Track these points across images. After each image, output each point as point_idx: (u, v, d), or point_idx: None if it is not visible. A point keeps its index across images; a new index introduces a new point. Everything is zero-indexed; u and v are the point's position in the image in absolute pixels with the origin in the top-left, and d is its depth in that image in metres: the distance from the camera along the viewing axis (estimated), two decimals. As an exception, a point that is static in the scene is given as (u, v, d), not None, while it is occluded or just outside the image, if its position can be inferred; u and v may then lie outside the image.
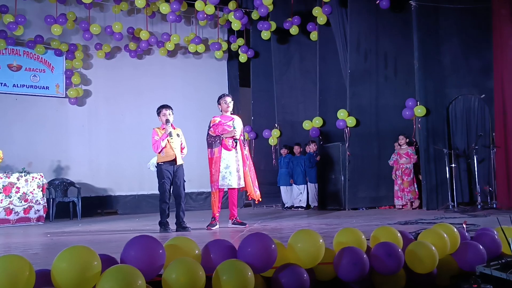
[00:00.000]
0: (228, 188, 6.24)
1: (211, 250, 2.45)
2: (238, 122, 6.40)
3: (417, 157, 8.47)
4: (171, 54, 11.43)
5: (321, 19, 9.85)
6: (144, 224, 7.40)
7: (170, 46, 11.00)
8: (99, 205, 10.38)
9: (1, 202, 7.99)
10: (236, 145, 6.26)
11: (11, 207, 8.09)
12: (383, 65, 9.21)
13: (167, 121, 6.05)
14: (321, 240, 2.55)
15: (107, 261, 2.26)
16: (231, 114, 6.55)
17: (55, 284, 2.11)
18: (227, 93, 6.84)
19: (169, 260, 2.32)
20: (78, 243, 4.64)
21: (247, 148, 6.47)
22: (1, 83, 9.82)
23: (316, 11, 9.91)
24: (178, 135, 6.14)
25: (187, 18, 11.50)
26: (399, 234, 2.95)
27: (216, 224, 6.15)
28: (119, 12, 10.73)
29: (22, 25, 9.54)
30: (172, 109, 6.24)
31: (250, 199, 6.64)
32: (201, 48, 11.28)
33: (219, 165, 6.15)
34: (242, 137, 6.38)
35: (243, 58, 11.35)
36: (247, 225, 6.16)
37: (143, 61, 11.28)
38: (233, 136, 6.22)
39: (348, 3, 9.24)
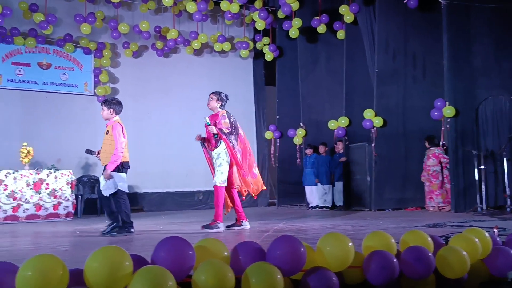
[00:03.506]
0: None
1: (239, 252, 2.45)
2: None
3: (447, 158, 8.31)
4: (197, 52, 11.50)
5: (348, 18, 9.76)
6: (169, 222, 7.46)
7: (196, 45, 11.07)
8: (125, 201, 10.50)
9: (31, 198, 8.17)
10: (218, 142, 5.81)
11: (40, 203, 8.26)
12: (411, 65, 9.09)
13: None
14: (350, 244, 2.52)
15: (138, 262, 2.28)
16: (220, 110, 6.10)
17: (87, 284, 2.14)
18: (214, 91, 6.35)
19: (199, 262, 2.33)
20: (107, 242, 4.72)
21: (234, 143, 5.84)
22: (31, 81, 10.03)
23: (343, 9, 9.83)
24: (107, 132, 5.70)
25: (213, 17, 11.55)
26: (429, 238, 2.90)
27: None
28: (146, 11, 10.84)
29: (53, 24, 9.72)
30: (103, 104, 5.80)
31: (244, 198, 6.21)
32: (226, 46, 11.32)
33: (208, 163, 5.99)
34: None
35: (269, 56, 11.34)
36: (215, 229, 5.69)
37: (169, 59, 11.38)
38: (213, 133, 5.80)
39: (376, 1, 9.14)
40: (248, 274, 2.24)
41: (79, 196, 9.37)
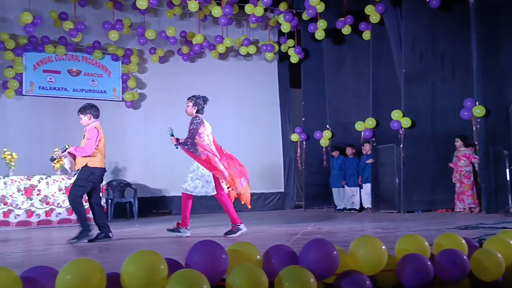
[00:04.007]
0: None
1: (272, 255, 2.47)
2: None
3: (478, 158, 8.16)
4: (223, 56, 11.57)
5: (374, 18, 9.69)
6: (198, 226, 7.52)
7: (221, 49, 11.14)
8: (154, 205, 10.66)
9: (63, 203, 8.35)
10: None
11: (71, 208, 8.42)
12: (439, 65, 8.96)
13: None
14: (383, 247, 2.51)
15: (173, 265, 2.32)
16: (194, 116, 6.08)
17: (124, 287, 2.19)
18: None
19: (232, 265, 2.35)
20: (138, 246, 4.80)
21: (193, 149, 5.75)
22: (62, 88, 10.27)
23: (369, 9, 9.76)
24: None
25: (238, 21, 11.62)
26: (463, 241, 2.87)
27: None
28: (172, 17, 10.98)
29: (82, 32, 9.94)
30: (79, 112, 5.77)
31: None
32: (252, 50, 11.37)
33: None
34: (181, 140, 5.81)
35: (294, 59, 11.33)
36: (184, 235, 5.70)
37: (195, 64, 11.49)
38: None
39: (402, 1, 9.05)
40: (281, 278, 2.26)
41: (109, 200, 9.53)
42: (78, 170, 5.71)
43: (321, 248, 2.37)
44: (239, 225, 5.71)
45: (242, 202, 5.99)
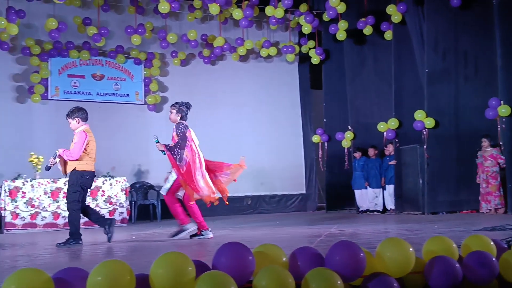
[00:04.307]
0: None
1: (298, 257, 2.47)
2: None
3: (504, 159, 8.01)
4: (243, 59, 11.61)
5: (396, 18, 9.61)
6: (220, 227, 7.55)
7: (242, 51, 11.18)
8: (176, 207, 10.72)
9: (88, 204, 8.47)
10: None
11: (97, 210, 8.55)
12: (462, 64, 8.84)
13: None
14: (411, 249, 2.49)
15: (200, 267, 2.34)
16: (178, 122, 6.09)
17: (153, 288, 2.22)
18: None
19: (258, 267, 2.36)
20: (163, 247, 4.84)
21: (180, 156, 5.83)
22: (86, 92, 10.43)
23: (391, 9, 9.68)
24: None
25: (258, 23, 11.64)
26: (492, 243, 2.82)
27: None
28: (193, 20, 11.06)
29: (105, 37, 10.10)
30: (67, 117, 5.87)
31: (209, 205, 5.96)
32: (272, 51, 11.38)
33: None
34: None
35: (315, 60, 11.30)
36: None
37: (216, 66, 11.55)
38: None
39: (424, 0, 8.96)
40: (308, 280, 2.26)
41: (133, 202, 9.65)
42: (67, 174, 5.72)
43: (347, 250, 2.36)
44: (186, 225, 5.79)
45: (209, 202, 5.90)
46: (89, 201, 8.43)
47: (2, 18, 8.91)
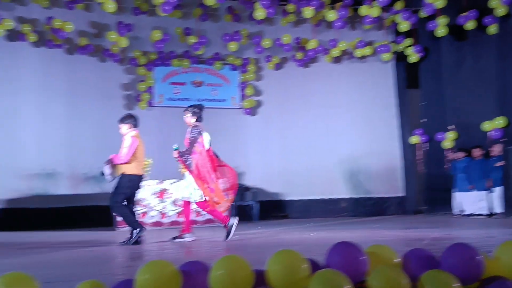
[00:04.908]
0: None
1: (411, 259, 2.46)
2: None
3: None
4: (336, 60, 11.55)
5: (500, 11, 9.06)
6: (317, 229, 7.59)
7: (336, 52, 11.13)
8: (272, 208, 10.92)
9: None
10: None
11: (198, 210, 8.97)
12: None
13: None
14: (532, 253, 2.39)
15: (313, 265, 2.42)
16: (194, 125, 6.34)
17: (269, 285, 2.33)
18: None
19: (371, 267, 2.39)
20: (271, 246, 4.99)
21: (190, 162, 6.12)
22: (186, 99, 10.97)
23: (493, 2, 9.15)
24: None
25: (352, 23, 11.52)
26: None
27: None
28: (286, 24, 11.22)
29: (204, 45, 10.59)
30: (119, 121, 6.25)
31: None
32: (367, 51, 11.21)
33: None
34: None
35: (413, 58, 10.94)
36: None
37: (309, 69, 11.60)
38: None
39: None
40: (423, 282, 2.25)
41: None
42: (115, 177, 6.06)
43: (464, 253, 2.32)
44: (229, 222, 6.05)
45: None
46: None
47: (114, 32, 9.70)
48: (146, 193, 8.72)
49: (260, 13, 9.57)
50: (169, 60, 10.69)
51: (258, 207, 10.08)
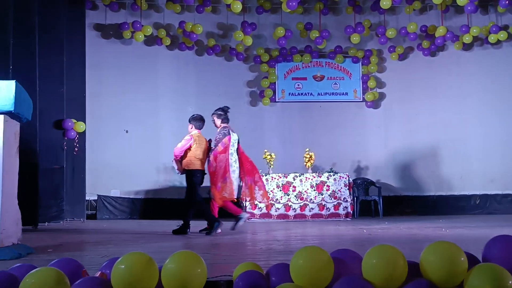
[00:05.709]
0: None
1: None
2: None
3: None
4: (467, 47, 10.85)
5: None
6: (453, 226, 7.22)
7: (467, 39, 10.43)
8: (398, 204, 10.61)
9: (315, 199, 9.00)
10: None
11: (323, 203, 9.04)
12: None
13: None
14: None
15: (470, 258, 2.34)
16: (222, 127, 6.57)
17: (424, 275, 2.30)
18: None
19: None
20: (405, 239, 4.87)
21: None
22: (308, 93, 11.09)
23: None
24: None
25: (484, 7, 10.74)
26: None
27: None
28: (411, 12, 10.80)
29: (325, 39, 10.59)
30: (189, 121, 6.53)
31: None
32: (501, 36, 10.36)
33: None
34: None
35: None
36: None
37: (435, 58, 11.06)
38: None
39: None
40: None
41: (355, 198, 9.88)
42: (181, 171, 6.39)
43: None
44: (241, 214, 6.38)
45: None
46: (315, 195, 8.94)
47: (239, 32, 10.09)
48: (271, 186, 8.97)
49: (386, 2, 9.29)
50: (291, 56, 10.86)
51: (383, 202, 9.84)
